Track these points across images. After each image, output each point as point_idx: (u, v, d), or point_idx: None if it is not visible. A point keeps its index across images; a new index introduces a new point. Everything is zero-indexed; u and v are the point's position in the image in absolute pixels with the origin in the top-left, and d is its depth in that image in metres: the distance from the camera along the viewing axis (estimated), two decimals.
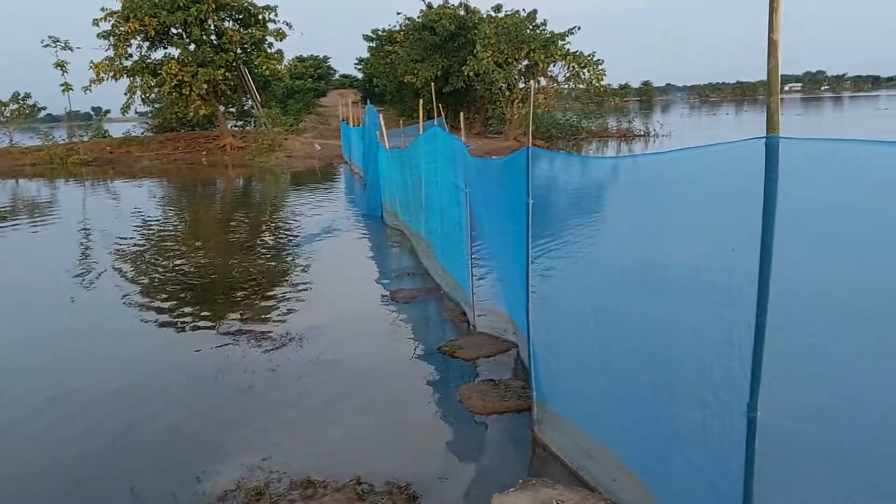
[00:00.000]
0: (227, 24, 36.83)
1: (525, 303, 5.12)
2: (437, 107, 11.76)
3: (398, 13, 70.87)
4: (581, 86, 39.40)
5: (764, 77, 2.61)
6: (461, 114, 9.74)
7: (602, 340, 4.27)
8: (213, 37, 36.53)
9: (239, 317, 8.46)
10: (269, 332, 7.76)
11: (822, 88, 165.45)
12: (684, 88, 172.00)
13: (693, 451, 3.27)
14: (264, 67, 37.47)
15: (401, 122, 17.74)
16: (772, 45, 2.56)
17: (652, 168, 3.82)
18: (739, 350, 2.82)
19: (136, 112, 44.80)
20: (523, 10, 38.01)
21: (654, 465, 3.72)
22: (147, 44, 36.21)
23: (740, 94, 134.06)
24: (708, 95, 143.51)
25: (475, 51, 35.62)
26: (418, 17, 40.51)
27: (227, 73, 36.38)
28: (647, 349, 3.67)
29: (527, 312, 5.12)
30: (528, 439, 5.13)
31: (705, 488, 3.15)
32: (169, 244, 14.07)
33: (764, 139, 2.60)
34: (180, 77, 34.62)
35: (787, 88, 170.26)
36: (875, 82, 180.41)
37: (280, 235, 14.72)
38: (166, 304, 9.19)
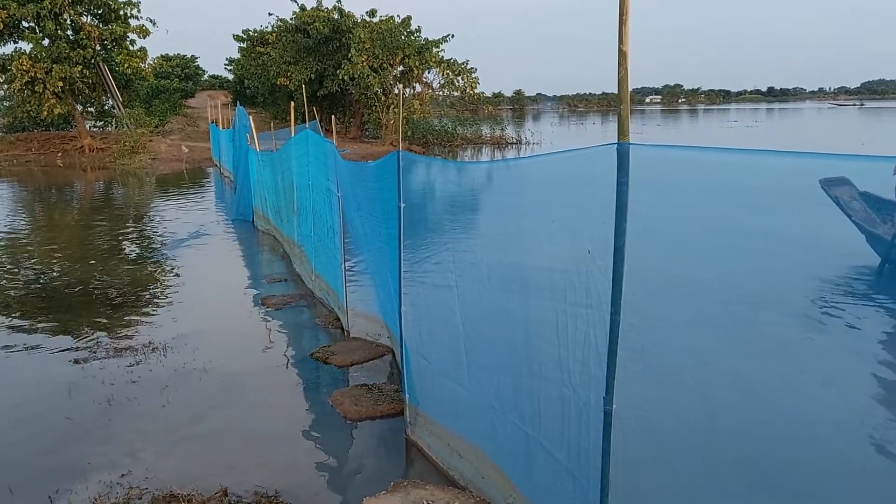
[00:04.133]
0: (84, 18, 34.56)
1: (398, 307, 5.14)
2: (312, 110, 11.58)
3: (270, 14, 69.19)
4: (456, 93, 40.04)
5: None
6: (332, 117, 9.62)
7: (470, 342, 4.35)
8: (69, 32, 34.19)
9: (97, 327, 7.96)
10: (130, 342, 7.35)
11: (680, 101, 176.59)
12: (554, 98, 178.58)
13: (554, 445, 3.39)
14: (126, 65, 35.45)
15: (272, 125, 17.30)
16: (621, 55, 2.70)
17: (515, 173, 3.95)
18: (596, 347, 2.95)
19: None
20: (398, 15, 38.22)
21: (519, 460, 3.83)
22: None
23: (606, 104, 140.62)
24: (576, 105, 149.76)
25: (350, 55, 35.40)
26: (291, 19, 39.71)
27: (84, 71, 34.17)
28: (511, 349, 3.77)
29: (399, 316, 5.13)
30: (401, 442, 5.14)
31: (566, 480, 3.28)
32: (19, 251, 13.02)
33: (615, 145, 2.73)
34: (32, 74, 32.20)
35: (647, 100, 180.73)
36: (726, 96, 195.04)
37: (144, 241, 14.00)
38: (15, 315, 8.51)
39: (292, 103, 12.59)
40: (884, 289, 7.19)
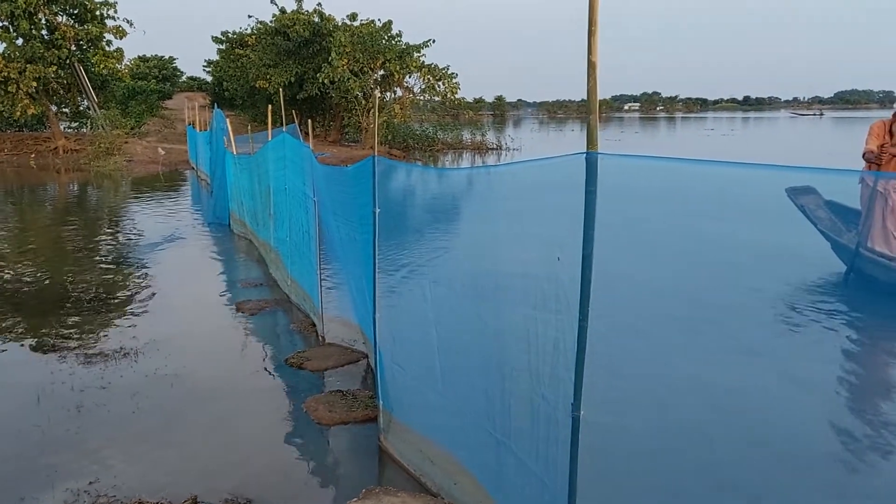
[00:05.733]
0: (60, 18, 34.10)
1: (372, 312, 5.13)
2: (291, 113, 11.54)
3: (249, 16, 68.89)
4: (436, 98, 40.08)
5: (604, 97, 2.77)
6: (309, 121, 9.56)
7: (443, 348, 4.36)
8: (44, 31, 33.71)
9: (68, 332, 7.86)
10: (101, 347, 7.27)
11: (658, 109, 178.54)
12: (534, 104, 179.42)
13: (524, 451, 3.41)
14: (102, 66, 34.99)
15: (249, 127, 17.12)
16: (590, 66, 2.73)
17: (488, 180, 3.97)
18: (564, 353, 2.98)
19: None
20: (378, 20, 38.20)
21: (491, 466, 3.84)
22: None
23: (585, 111, 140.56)
24: (555, 112, 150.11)
25: (330, 58, 35.31)
26: (271, 22, 39.54)
27: (59, 71, 33.75)
28: (483, 355, 3.80)
29: (374, 322, 5.13)
30: (374, 449, 5.13)
31: (535, 485, 3.31)
32: None
33: (584, 154, 2.76)
34: (6, 73, 31.69)
35: (626, 108, 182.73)
36: (703, 104, 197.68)
37: (118, 245, 13.83)
38: None
39: (270, 106, 12.53)
40: (849, 296, 7.33)
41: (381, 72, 38.14)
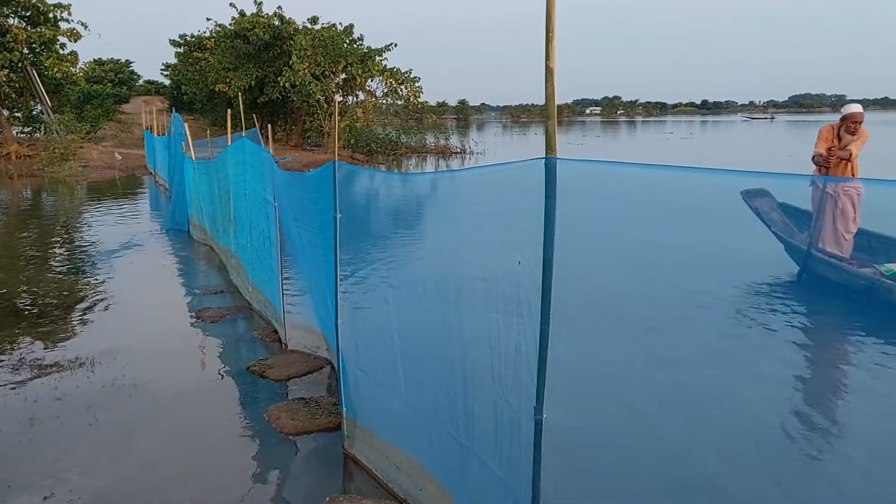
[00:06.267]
0: (11, 20, 33.31)
1: (335, 318, 5.10)
2: (252, 117, 11.42)
3: (208, 19, 68.05)
4: (399, 102, 40.06)
5: (566, 101, 2.79)
6: (269, 125, 9.45)
7: (406, 353, 4.35)
8: None
9: (21, 341, 7.65)
10: (55, 357, 7.09)
11: (619, 113, 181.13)
12: (498, 108, 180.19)
13: (488, 455, 3.42)
14: (56, 69, 34.22)
15: (208, 132, 16.72)
16: (548, 72, 2.74)
17: (450, 185, 3.97)
18: (526, 357, 2.99)
19: None
20: (340, 23, 38.05)
21: (454, 471, 3.84)
22: None
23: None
24: (519, 116, 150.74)
25: (291, 62, 35.06)
26: (230, 25, 39.10)
27: (11, 75, 32.92)
28: (446, 360, 3.79)
29: (336, 328, 5.09)
30: (339, 456, 5.09)
31: (499, 489, 3.31)
32: None
33: (543, 160, 2.77)
34: None
35: (587, 112, 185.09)
36: (663, 108, 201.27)
37: (73, 252, 13.53)
38: None
39: (229, 110, 12.37)
40: (802, 296, 7.52)
41: (343, 75, 38.01)
